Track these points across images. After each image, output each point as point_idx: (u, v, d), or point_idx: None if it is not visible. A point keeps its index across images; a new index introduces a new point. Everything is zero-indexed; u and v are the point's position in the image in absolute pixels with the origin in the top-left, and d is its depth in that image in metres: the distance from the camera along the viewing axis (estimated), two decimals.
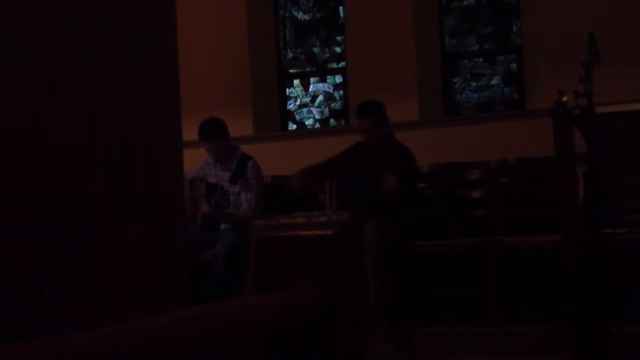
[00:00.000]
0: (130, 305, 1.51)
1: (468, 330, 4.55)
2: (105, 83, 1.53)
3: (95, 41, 1.49)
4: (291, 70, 7.11)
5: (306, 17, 7.06)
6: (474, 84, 6.55)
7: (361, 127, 4.93)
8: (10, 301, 1.32)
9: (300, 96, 7.09)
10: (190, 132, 4.87)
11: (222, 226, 5.04)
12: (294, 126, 7.09)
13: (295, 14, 7.09)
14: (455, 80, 6.59)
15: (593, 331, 3.03)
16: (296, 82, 7.10)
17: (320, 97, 7.04)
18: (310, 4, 7.05)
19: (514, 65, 6.44)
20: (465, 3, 6.57)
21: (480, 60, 6.55)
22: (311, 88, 7.07)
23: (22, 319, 1.33)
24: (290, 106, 7.11)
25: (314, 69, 7.04)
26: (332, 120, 7.03)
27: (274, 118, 7.04)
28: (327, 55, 7.01)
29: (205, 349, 0.87)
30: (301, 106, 7.09)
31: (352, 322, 1.03)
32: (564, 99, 2.91)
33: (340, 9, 6.91)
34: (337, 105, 7.00)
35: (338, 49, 6.96)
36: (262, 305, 0.84)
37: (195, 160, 5.16)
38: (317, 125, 7.02)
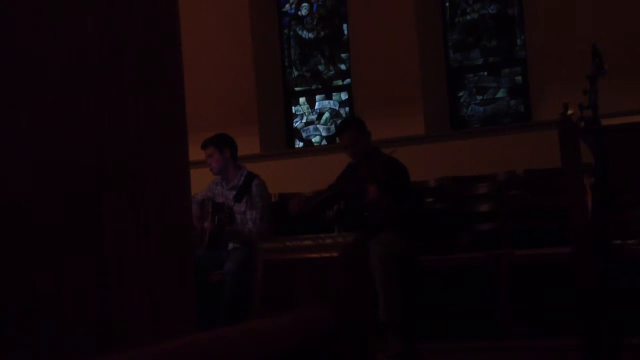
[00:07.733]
0: (140, 325, 1.51)
1: (480, 345, 4.53)
2: (113, 105, 1.54)
3: (104, 65, 1.50)
4: (297, 88, 7.13)
5: (310, 35, 7.09)
6: (479, 97, 6.55)
7: (342, 143, 4.93)
8: (20, 319, 1.33)
9: (306, 113, 7.11)
10: (197, 151, 4.91)
11: (230, 245, 5.05)
12: (301, 144, 7.10)
13: (300, 32, 7.12)
14: (460, 94, 6.59)
15: (605, 343, 3.01)
16: (302, 99, 7.12)
17: (327, 114, 7.06)
18: (315, 22, 7.08)
19: (519, 78, 6.44)
20: (468, 17, 6.58)
21: (485, 73, 6.55)
22: (317, 105, 7.08)
23: (32, 336, 1.34)
24: (297, 124, 7.13)
25: (320, 86, 7.06)
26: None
27: (281, 136, 7.05)
28: (332, 72, 7.03)
29: None
30: (307, 123, 7.11)
31: (361, 343, 1.03)
32: (569, 112, 2.91)
33: (344, 26, 6.94)
34: None
35: (343, 66, 6.98)
36: (270, 329, 0.84)
37: (203, 180, 5.17)
38: (324, 142, 7.03)
